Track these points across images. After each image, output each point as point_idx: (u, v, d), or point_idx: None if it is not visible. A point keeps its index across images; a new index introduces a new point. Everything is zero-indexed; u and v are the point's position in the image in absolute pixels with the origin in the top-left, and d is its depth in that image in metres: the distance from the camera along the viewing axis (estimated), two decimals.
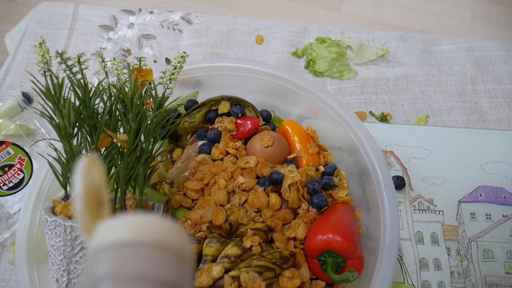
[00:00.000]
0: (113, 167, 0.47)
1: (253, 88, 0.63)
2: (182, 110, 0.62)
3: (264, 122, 0.62)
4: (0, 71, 0.81)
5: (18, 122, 0.66)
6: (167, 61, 0.78)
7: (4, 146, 0.57)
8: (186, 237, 0.23)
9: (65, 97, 0.43)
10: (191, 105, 0.61)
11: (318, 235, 0.49)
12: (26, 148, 0.63)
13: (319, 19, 1.79)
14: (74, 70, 0.44)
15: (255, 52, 0.80)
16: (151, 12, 0.86)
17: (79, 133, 0.45)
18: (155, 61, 0.79)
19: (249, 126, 0.60)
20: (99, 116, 0.46)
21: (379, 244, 0.49)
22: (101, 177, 0.24)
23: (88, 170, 0.24)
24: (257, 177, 0.56)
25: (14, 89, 0.75)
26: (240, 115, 0.61)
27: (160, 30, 0.84)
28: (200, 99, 0.63)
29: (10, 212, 0.61)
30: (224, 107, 0.60)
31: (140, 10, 0.87)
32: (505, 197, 0.62)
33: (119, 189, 0.46)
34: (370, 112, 0.71)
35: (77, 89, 0.44)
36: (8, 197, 0.59)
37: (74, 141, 0.45)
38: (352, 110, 0.72)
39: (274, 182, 0.54)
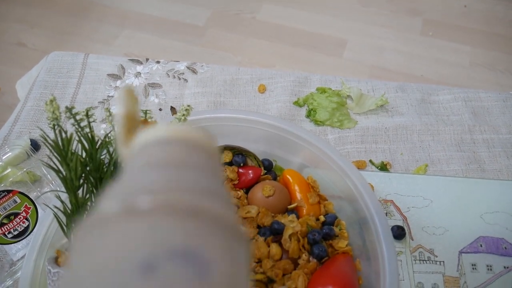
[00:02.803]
0: None
1: (255, 138, 0.64)
2: None
3: (265, 171, 0.64)
4: (10, 117, 0.83)
5: (25, 169, 0.68)
6: (172, 109, 0.81)
7: (11, 195, 0.58)
8: (215, 140, 0.27)
9: (73, 151, 0.44)
10: None
11: (318, 287, 0.49)
12: (31, 195, 0.64)
13: (321, 64, 1.84)
14: (82, 124, 0.46)
15: (257, 101, 0.82)
16: (158, 62, 0.89)
17: (85, 185, 0.46)
18: (160, 109, 0.81)
19: (251, 175, 0.61)
20: (105, 166, 0.48)
21: None
22: (135, 104, 0.30)
23: (127, 98, 0.30)
24: (258, 226, 0.57)
25: (22, 135, 0.77)
26: (242, 164, 0.62)
27: (166, 79, 0.86)
28: None
29: (13, 259, 0.61)
30: (226, 157, 0.62)
31: (147, 59, 0.90)
32: (505, 248, 0.63)
33: None
34: (370, 161, 0.73)
35: (84, 142, 0.46)
36: (12, 244, 0.60)
37: (80, 192, 0.47)
38: (352, 159, 0.73)
39: (274, 232, 0.55)
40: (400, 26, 1.95)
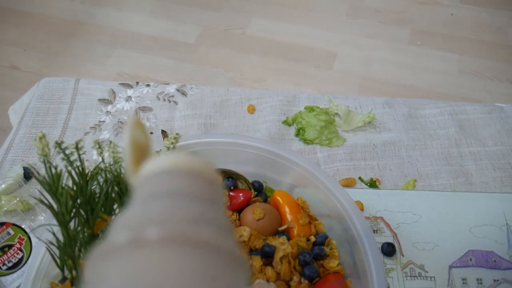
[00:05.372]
0: None
1: (245, 160, 0.65)
2: None
3: (256, 193, 0.64)
4: (3, 145, 0.84)
5: (18, 199, 0.69)
6: (163, 133, 0.82)
7: (4, 227, 0.59)
8: (216, 172, 0.28)
9: (63, 186, 0.45)
10: None
11: None
12: (25, 224, 0.65)
13: (311, 77, 1.86)
14: (72, 158, 0.47)
15: (247, 121, 0.83)
16: (148, 85, 0.90)
17: (76, 218, 0.47)
18: (151, 133, 0.82)
19: (242, 198, 0.62)
20: (96, 197, 0.49)
21: None
22: (145, 135, 0.31)
23: (133, 128, 0.30)
24: (250, 249, 0.57)
25: (16, 163, 0.78)
26: (232, 187, 0.63)
27: (156, 102, 0.87)
28: None
29: None
30: None
31: (137, 83, 0.91)
32: (495, 261, 0.63)
33: None
34: (360, 178, 0.74)
35: (74, 176, 0.47)
36: (8, 275, 0.60)
37: (72, 224, 0.47)
38: (341, 176, 0.74)
39: (265, 255, 0.56)
40: (389, 37, 1.97)
